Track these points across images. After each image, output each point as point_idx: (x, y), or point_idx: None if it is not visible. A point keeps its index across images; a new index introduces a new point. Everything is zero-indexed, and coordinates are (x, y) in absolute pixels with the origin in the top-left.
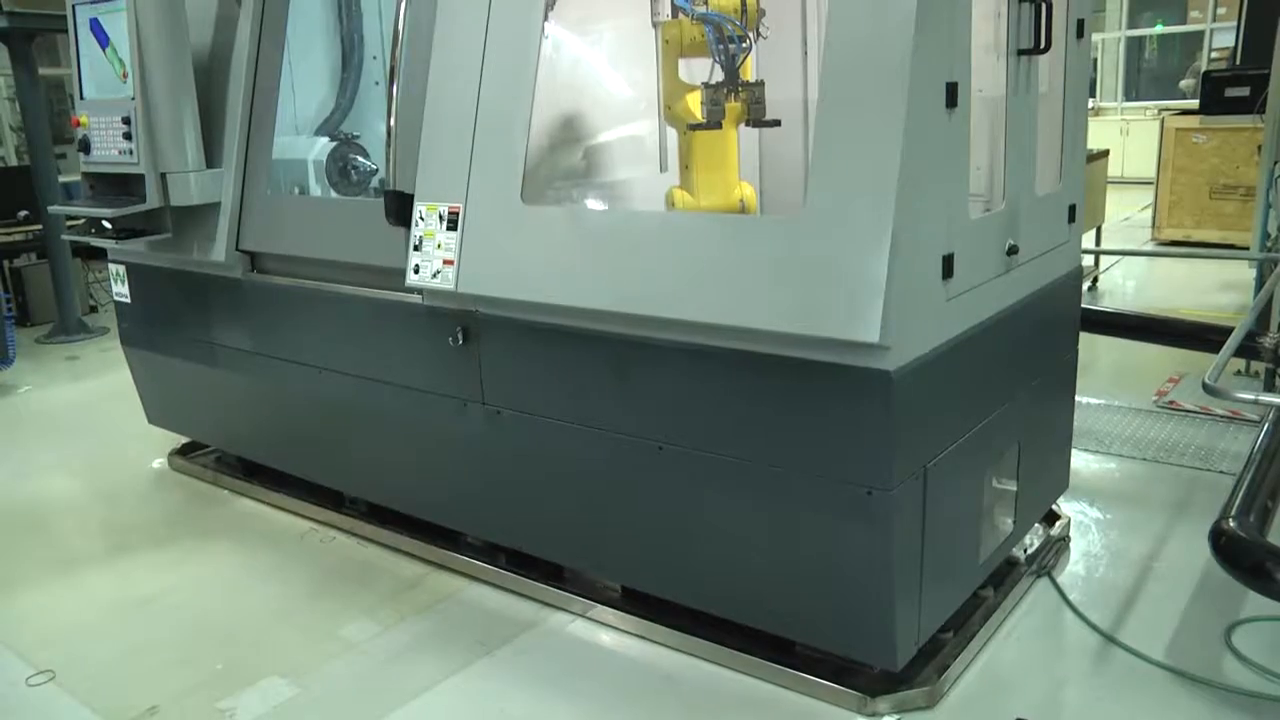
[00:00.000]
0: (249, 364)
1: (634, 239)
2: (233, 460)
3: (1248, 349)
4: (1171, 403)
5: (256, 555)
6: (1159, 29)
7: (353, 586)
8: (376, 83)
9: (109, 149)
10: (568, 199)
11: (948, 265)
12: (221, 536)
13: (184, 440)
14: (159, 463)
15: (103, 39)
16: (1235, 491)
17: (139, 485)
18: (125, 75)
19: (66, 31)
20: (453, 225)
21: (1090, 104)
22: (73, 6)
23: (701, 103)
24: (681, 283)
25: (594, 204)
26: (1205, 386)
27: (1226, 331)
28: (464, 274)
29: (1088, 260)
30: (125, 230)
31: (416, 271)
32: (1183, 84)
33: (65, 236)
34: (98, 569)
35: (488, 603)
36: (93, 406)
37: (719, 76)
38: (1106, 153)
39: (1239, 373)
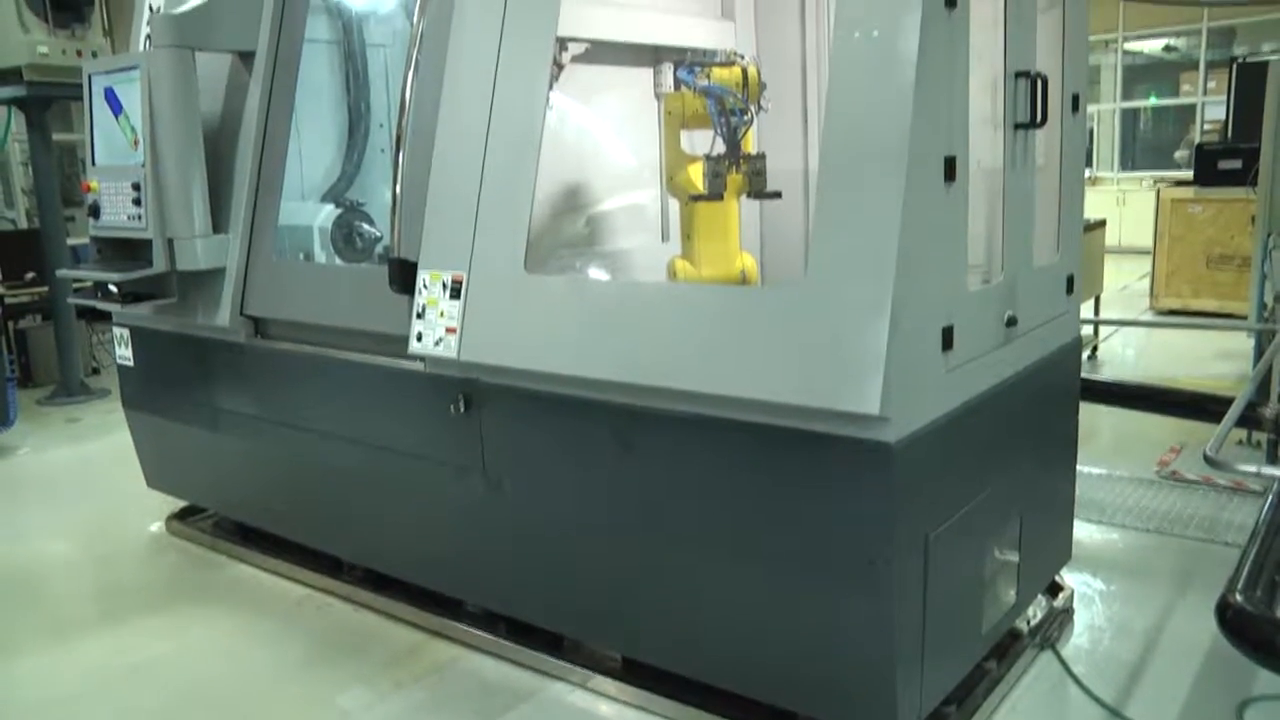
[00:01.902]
0: (250, 428)
1: (636, 309)
2: (230, 525)
3: (1249, 419)
4: (1174, 473)
5: (252, 621)
6: (1153, 101)
7: (349, 654)
8: (382, 150)
9: (118, 214)
10: (570, 268)
11: (947, 337)
12: (217, 602)
13: (182, 504)
14: (156, 527)
15: (116, 107)
16: (1241, 565)
17: (136, 549)
18: (136, 142)
19: (81, 99)
20: (456, 293)
21: (1087, 174)
22: (89, 76)
23: (703, 174)
24: (683, 353)
25: (596, 273)
26: (1207, 458)
27: (1227, 402)
28: (466, 342)
29: (1087, 329)
30: (131, 294)
31: (419, 339)
32: (1177, 155)
33: (72, 300)
34: (91, 635)
35: (486, 672)
36: (92, 469)
37: (721, 148)
38: (1104, 222)
39: (1241, 443)
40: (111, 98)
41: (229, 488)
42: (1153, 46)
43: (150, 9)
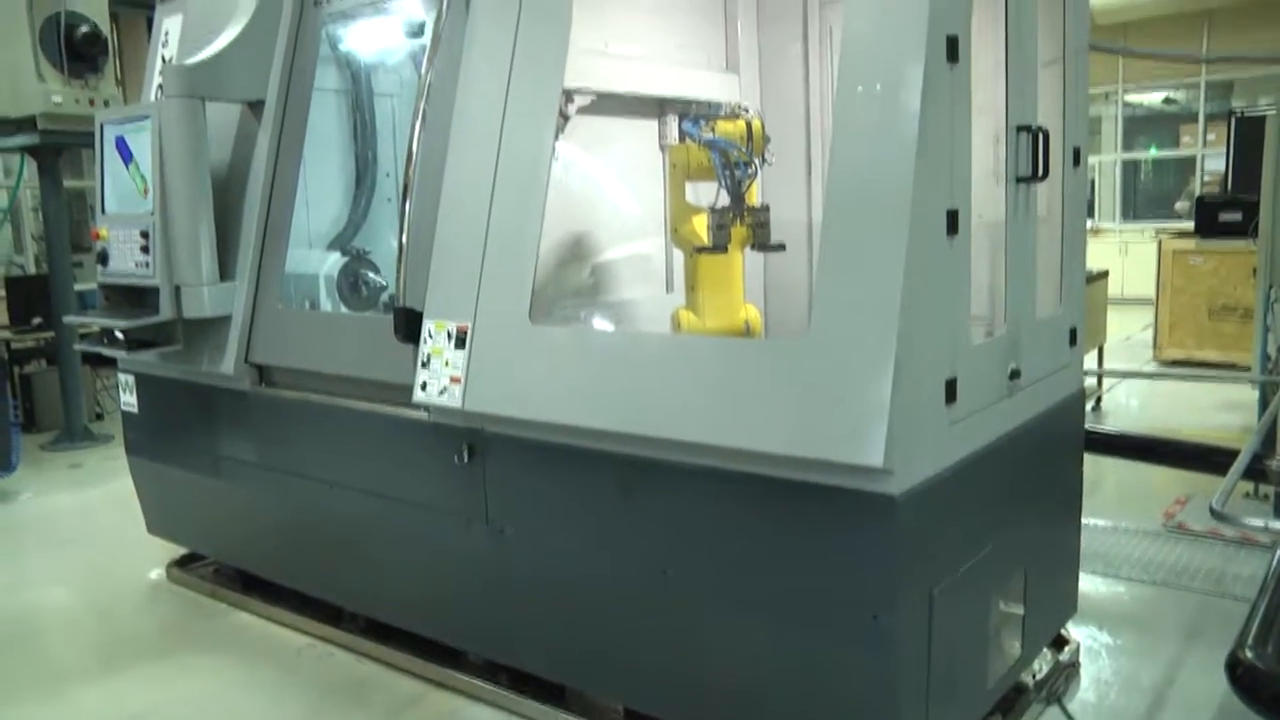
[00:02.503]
0: (253, 476)
1: (640, 360)
2: (231, 572)
3: (1255, 472)
4: (1180, 525)
5: (252, 671)
6: (1153, 153)
7: (350, 705)
8: (389, 199)
9: (126, 261)
10: (575, 318)
11: (950, 389)
12: (217, 651)
13: (183, 551)
14: (157, 574)
15: (126, 156)
16: (1250, 619)
17: (135, 597)
18: (146, 191)
19: (92, 147)
20: (461, 343)
21: (1089, 224)
22: (101, 125)
23: (708, 226)
24: (686, 404)
25: (601, 324)
26: (1213, 512)
27: (1232, 453)
28: (470, 392)
29: (1091, 380)
30: (137, 341)
31: (424, 388)
32: (1178, 206)
33: (78, 347)
34: (89, 683)
35: None
36: (93, 515)
37: (725, 200)
38: (1106, 273)
39: (1248, 495)
40: (122, 146)
41: (231, 535)
42: (1152, 99)
43: (163, 59)
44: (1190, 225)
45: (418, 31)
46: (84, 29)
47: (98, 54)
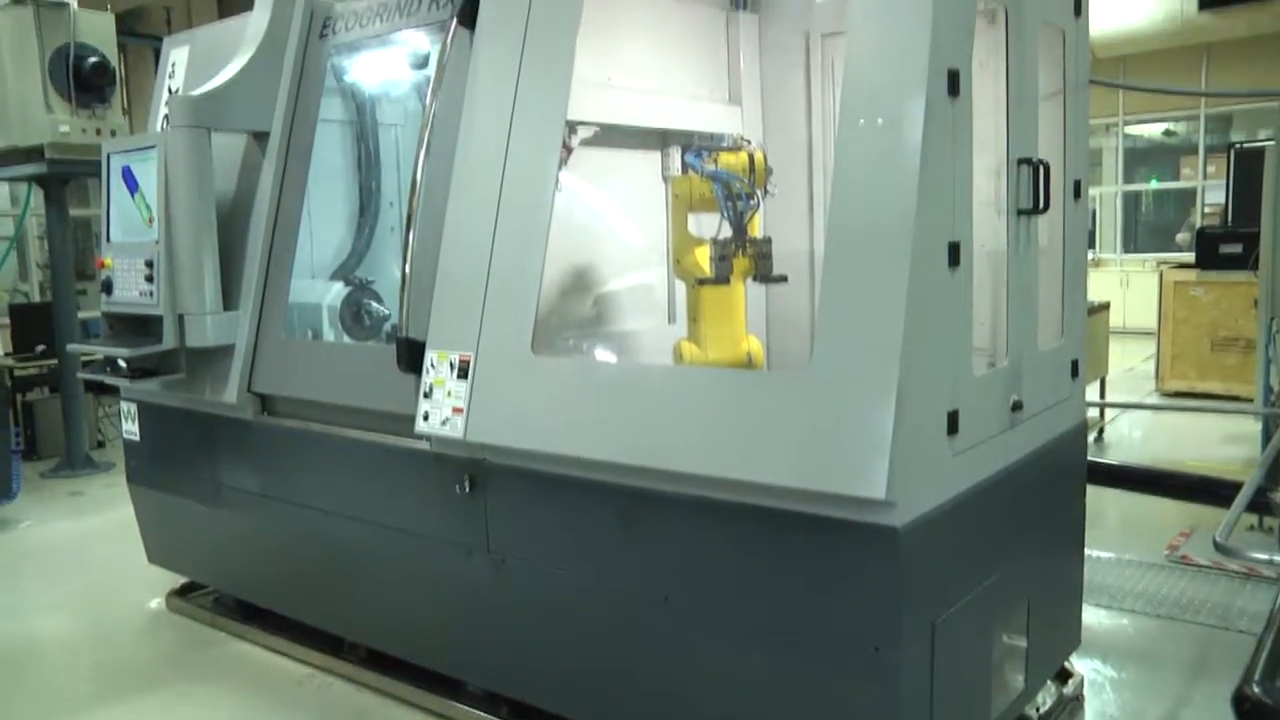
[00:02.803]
0: (254, 505)
1: (642, 392)
2: (231, 602)
3: (1259, 504)
4: (1184, 557)
5: (252, 701)
6: (1154, 184)
7: None
8: (392, 228)
9: (130, 290)
10: (577, 349)
11: (953, 421)
12: (216, 681)
13: (183, 580)
14: (156, 603)
15: (132, 185)
16: (1257, 654)
17: (135, 626)
18: (151, 220)
19: (98, 176)
20: (463, 374)
21: (1090, 255)
22: (108, 155)
23: (710, 258)
24: (688, 436)
25: (603, 354)
26: (1217, 545)
27: (1236, 486)
28: (473, 422)
29: (1093, 411)
30: (140, 370)
31: (426, 418)
32: (1179, 237)
33: (82, 375)
34: (87, 713)
35: None
36: (93, 543)
37: (727, 232)
38: (1108, 305)
39: (1252, 528)
40: (128, 176)
41: (231, 564)
42: (1152, 131)
43: (169, 90)
44: (1191, 257)
45: (422, 63)
46: (92, 60)
47: (105, 85)
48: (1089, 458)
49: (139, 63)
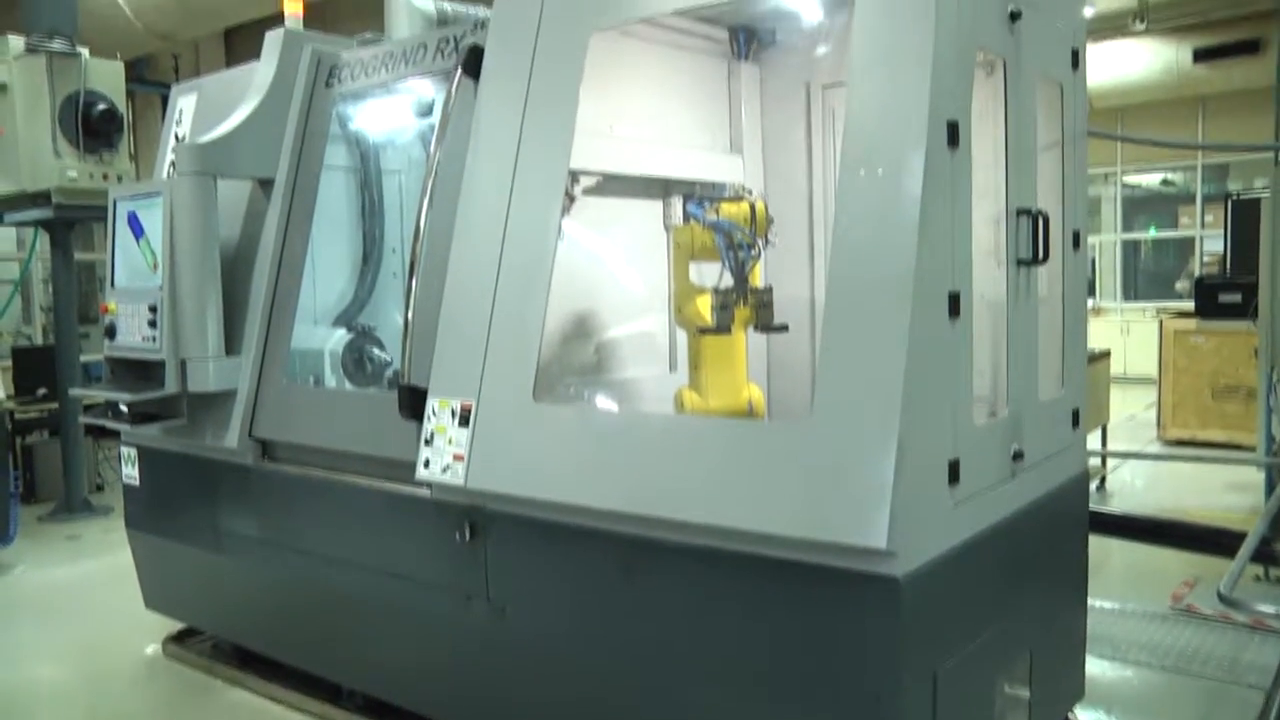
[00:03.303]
0: (253, 551)
1: (643, 440)
2: (228, 648)
3: (1263, 555)
4: (1189, 607)
5: None
6: (1153, 233)
7: None
8: (395, 275)
9: (134, 335)
10: (579, 397)
11: (953, 471)
12: None
13: (180, 626)
14: (152, 649)
15: (138, 231)
16: (1266, 710)
17: (130, 672)
18: (156, 266)
19: (104, 220)
20: (464, 421)
21: (1090, 303)
22: (114, 200)
23: (711, 307)
24: (689, 485)
25: (604, 402)
26: (1221, 597)
27: (1240, 536)
28: (473, 470)
29: (1095, 460)
30: (141, 414)
31: (426, 465)
32: (1178, 286)
33: (83, 419)
34: None
35: None
36: (89, 588)
37: (728, 281)
38: (1108, 353)
39: (1257, 578)
40: (134, 222)
41: (229, 610)
42: (1150, 180)
43: (176, 137)
44: (1191, 305)
45: (427, 111)
46: (101, 107)
47: (113, 130)
48: (1091, 507)
49: (146, 108)
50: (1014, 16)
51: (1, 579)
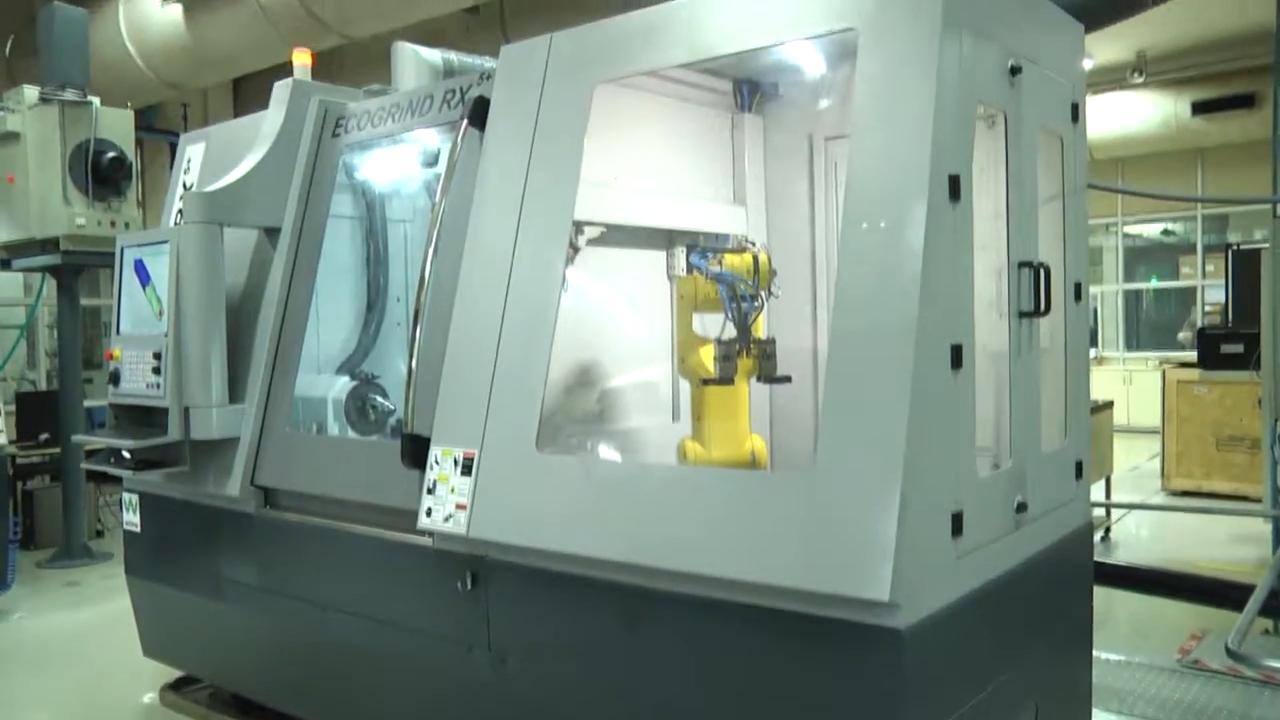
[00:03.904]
0: (253, 599)
1: (646, 491)
2: (227, 696)
3: (1272, 609)
4: (1196, 661)
5: None
6: (1154, 283)
7: None
8: (398, 324)
9: (138, 382)
10: (581, 447)
11: (957, 523)
12: None
13: (178, 674)
14: (150, 697)
15: (144, 278)
16: None
17: None
18: (161, 313)
19: (111, 266)
20: (467, 470)
21: (1093, 353)
22: (122, 248)
23: (714, 358)
24: (692, 535)
25: (607, 452)
26: (1229, 652)
27: (1247, 589)
28: (476, 519)
29: (1100, 510)
30: (144, 461)
31: (429, 514)
32: (1181, 336)
33: (85, 465)
34: None
35: None
36: (87, 636)
37: (732, 332)
38: (1111, 403)
39: (1267, 632)
40: (141, 269)
41: (228, 659)
42: (1151, 230)
43: (184, 185)
44: (1194, 355)
45: (432, 161)
46: (111, 155)
47: (122, 178)
48: (1096, 558)
49: (155, 156)
50: (1014, 71)
51: None
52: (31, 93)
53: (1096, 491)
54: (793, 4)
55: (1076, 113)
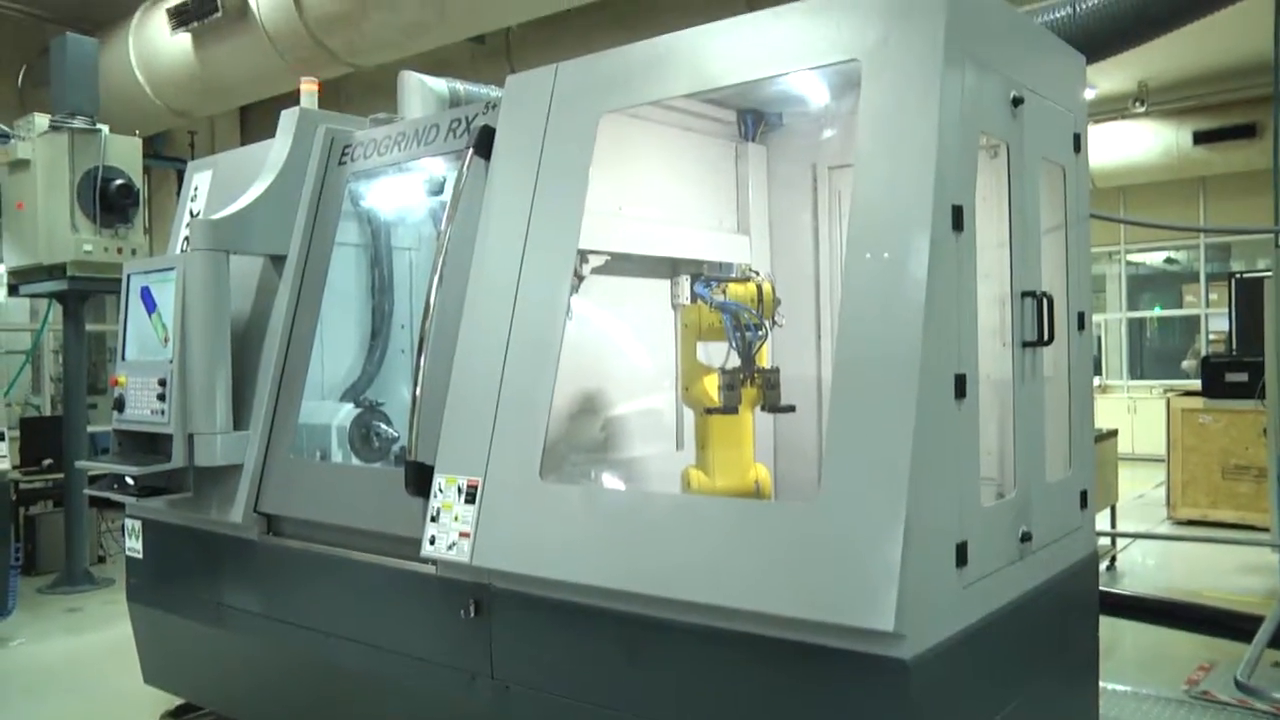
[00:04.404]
0: (256, 626)
1: (649, 520)
2: None
3: None
4: (1205, 693)
5: None
6: (1157, 311)
7: None
8: (403, 351)
9: (142, 409)
10: (585, 475)
11: (961, 553)
12: None
13: (179, 701)
14: None
15: (150, 305)
16: None
17: None
18: (167, 340)
19: (117, 293)
20: (471, 498)
21: (1097, 381)
22: (128, 275)
23: (718, 387)
24: (696, 565)
25: (611, 481)
26: (1238, 684)
27: (1256, 620)
28: (479, 547)
29: (1105, 540)
30: (147, 488)
31: (432, 542)
32: (1185, 364)
33: (88, 491)
34: None
35: None
36: (87, 663)
37: (736, 361)
38: (1115, 432)
39: (1276, 664)
40: (147, 296)
41: (230, 686)
42: (1154, 259)
43: (191, 213)
44: (1198, 384)
45: (438, 189)
46: (119, 182)
47: (129, 205)
48: (1102, 587)
49: (162, 183)
50: (1016, 102)
51: None
52: (42, 121)
53: (1101, 520)
54: (796, 36)
55: (1078, 143)
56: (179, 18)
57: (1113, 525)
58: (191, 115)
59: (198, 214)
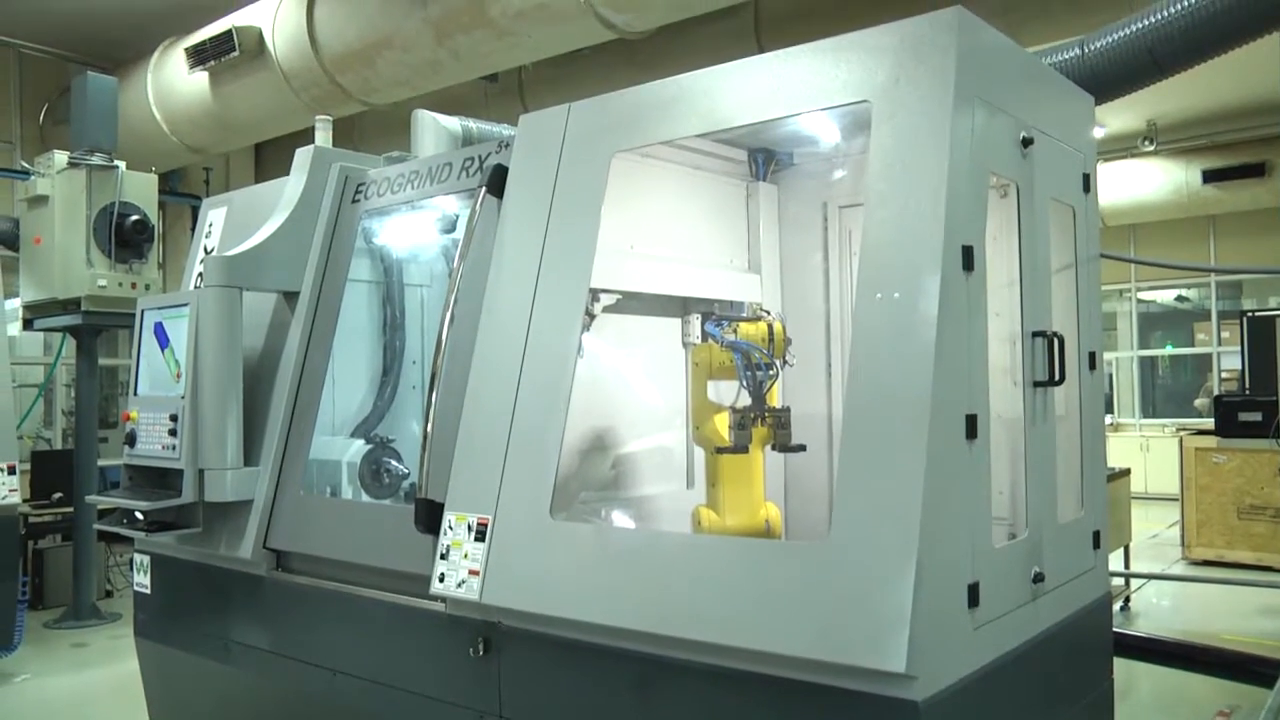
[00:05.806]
0: (263, 662)
1: (660, 558)
2: None
3: None
4: None
5: None
6: (1169, 350)
7: None
8: (414, 388)
9: (153, 444)
10: (596, 514)
11: (973, 594)
12: None
13: None
14: None
15: (163, 341)
16: None
17: None
18: (179, 375)
19: (130, 328)
20: (481, 536)
21: (1109, 420)
22: (142, 310)
23: (729, 426)
24: (705, 604)
25: (621, 519)
26: None
27: (1277, 665)
28: (489, 585)
29: (1119, 580)
30: (157, 523)
31: (442, 580)
32: (1197, 403)
33: (98, 526)
34: None
35: None
36: (91, 700)
37: (746, 400)
38: (1128, 471)
39: None
40: (160, 332)
41: None
42: (1165, 297)
43: (205, 249)
44: (1210, 423)
45: (450, 227)
46: (134, 217)
47: (144, 241)
48: (1117, 629)
49: (176, 219)
50: (1026, 142)
51: (2, 688)
52: (61, 157)
53: (1115, 560)
54: (807, 77)
55: (1088, 183)
56: (197, 56)
57: (1126, 565)
58: (207, 152)
59: (212, 250)
